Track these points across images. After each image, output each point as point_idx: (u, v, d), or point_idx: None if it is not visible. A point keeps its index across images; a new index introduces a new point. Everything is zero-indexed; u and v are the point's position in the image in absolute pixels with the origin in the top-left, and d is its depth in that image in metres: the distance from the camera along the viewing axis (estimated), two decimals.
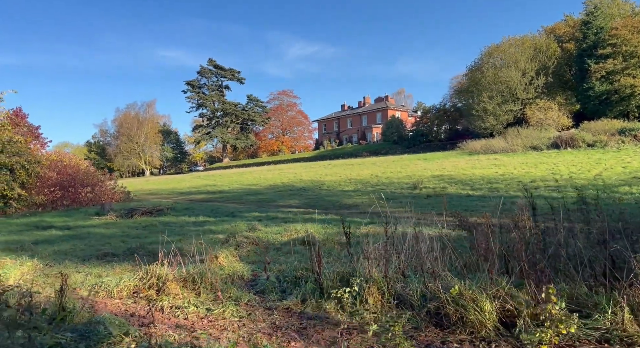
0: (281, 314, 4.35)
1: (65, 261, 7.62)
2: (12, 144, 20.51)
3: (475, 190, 16.10)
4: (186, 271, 5.64)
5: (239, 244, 8.57)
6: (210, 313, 4.58)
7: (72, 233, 11.82)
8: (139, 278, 5.68)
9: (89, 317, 4.28)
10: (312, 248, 7.39)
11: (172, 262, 5.85)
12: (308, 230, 9.75)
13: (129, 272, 6.80)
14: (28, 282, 6.46)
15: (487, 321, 3.25)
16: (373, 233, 9.44)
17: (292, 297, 4.71)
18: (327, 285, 4.50)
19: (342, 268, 4.71)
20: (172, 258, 7.89)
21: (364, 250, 4.98)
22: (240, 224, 12.11)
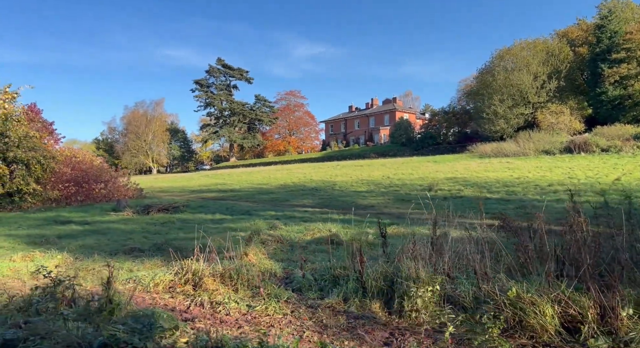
0: (325, 312, 4.31)
1: (93, 255, 7.61)
2: (27, 139, 20.63)
3: (493, 193, 16.00)
4: (222, 267, 5.61)
5: (264, 242, 8.54)
6: (252, 309, 4.54)
7: (92, 229, 11.84)
8: (174, 274, 5.67)
9: (135, 310, 4.26)
10: (350, 247, 7.36)
11: (207, 258, 5.83)
12: (331, 229, 9.71)
13: (159, 267, 6.80)
14: (62, 276, 6.46)
15: (549, 326, 3.20)
16: (396, 234, 9.42)
17: (332, 295, 4.67)
18: (370, 284, 4.45)
19: (384, 268, 4.66)
20: (201, 254, 7.91)
21: (408, 249, 4.94)
22: (259, 222, 12.08)
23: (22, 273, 6.54)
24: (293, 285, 5.37)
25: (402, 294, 4.10)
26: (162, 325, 3.73)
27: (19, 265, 6.98)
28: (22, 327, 3.91)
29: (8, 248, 8.75)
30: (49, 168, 20.71)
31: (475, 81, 57.18)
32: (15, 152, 19.51)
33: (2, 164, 19.25)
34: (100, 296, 4.55)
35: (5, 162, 19.57)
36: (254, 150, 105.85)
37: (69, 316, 3.97)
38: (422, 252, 4.91)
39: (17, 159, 19.59)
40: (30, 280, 6.32)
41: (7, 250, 8.50)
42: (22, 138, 20.31)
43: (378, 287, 4.43)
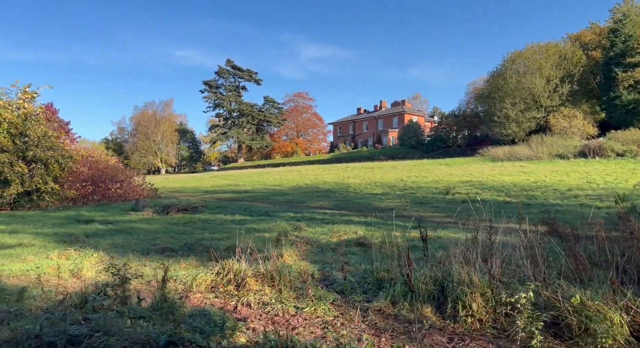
0: (376, 316, 4.32)
1: (127, 254, 7.68)
2: (46, 139, 20.85)
3: (512, 197, 15.93)
4: (264, 268, 5.63)
5: (293, 243, 8.55)
6: (301, 311, 4.56)
7: (117, 228, 11.93)
8: (215, 274, 5.70)
9: (192, 309, 4.30)
10: (382, 250, 7.36)
11: (247, 259, 5.86)
12: (357, 232, 9.72)
13: (195, 267, 6.84)
14: (101, 274, 6.53)
15: (618, 335, 3.19)
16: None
17: (380, 298, 4.67)
18: (421, 288, 4.45)
19: (433, 272, 4.65)
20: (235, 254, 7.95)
21: (453, 254, 4.93)
22: (280, 224, 12.11)
23: (62, 271, 6.60)
24: (334, 287, 5.39)
25: (456, 299, 4.10)
26: (223, 325, 3.76)
27: (57, 263, 7.05)
28: (82, 323, 3.96)
29: (40, 246, 8.85)
30: (67, 167, 20.90)
31: (486, 84, 56.95)
32: (35, 151, 19.72)
33: (21, 163, 19.45)
34: (147, 294, 4.60)
35: (24, 161, 19.77)
36: (262, 152, 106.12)
37: (129, 314, 4.02)
38: (468, 256, 4.90)
39: (36, 158, 19.80)
40: (71, 277, 6.40)
41: (40, 248, 8.59)
42: (41, 137, 20.53)
43: (428, 291, 4.42)
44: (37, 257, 7.58)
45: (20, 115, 20.14)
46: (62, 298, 4.66)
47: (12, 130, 19.68)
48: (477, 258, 4.96)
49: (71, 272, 6.61)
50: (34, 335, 3.71)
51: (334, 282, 5.58)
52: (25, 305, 4.77)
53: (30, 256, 7.61)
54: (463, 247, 5.18)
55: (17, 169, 19.09)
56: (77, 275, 6.43)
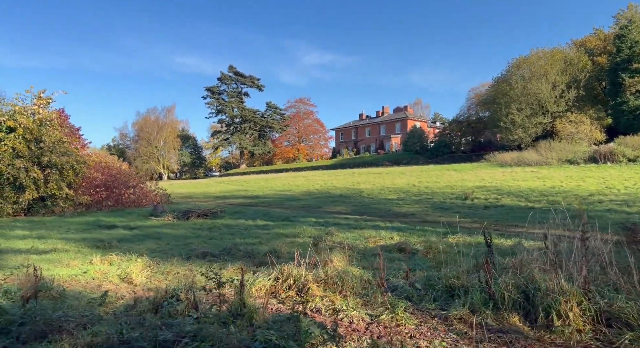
0: (461, 325, 4.19)
1: (170, 259, 7.58)
2: (60, 144, 20.79)
3: (533, 202, 15.85)
4: (324, 273, 5.54)
5: (332, 249, 8.46)
6: (376, 319, 4.45)
7: (142, 233, 11.82)
8: (274, 279, 5.61)
9: (274, 315, 4.21)
10: (428, 255, 7.24)
11: (298, 264, 5.77)
12: (393, 237, 9.61)
13: (244, 272, 6.74)
14: (152, 279, 6.44)
15: None
16: (463, 243, 9.24)
17: (455, 306, 4.51)
18: (505, 296, 4.32)
19: (517, 278, 4.52)
20: (270, 258, 7.85)
21: (530, 260, 4.85)
22: (307, 229, 12.01)
23: (111, 276, 6.51)
24: (398, 294, 5.27)
25: (547, 307, 3.99)
26: (311, 331, 3.68)
27: (103, 268, 6.96)
28: (162, 329, 3.87)
29: (75, 252, 8.75)
30: (81, 173, 20.82)
31: (490, 89, 57.08)
32: (50, 156, 19.63)
33: (36, 169, 19.36)
34: (211, 299, 4.49)
35: (39, 166, 19.69)
36: (264, 157, 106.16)
37: (208, 319, 3.93)
38: (542, 262, 4.81)
39: (51, 163, 19.71)
40: (122, 282, 6.30)
41: (76, 253, 8.49)
42: (56, 143, 20.46)
43: (512, 299, 4.30)
44: (79, 262, 7.48)
45: (35, 120, 20.09)
46: (133, 303, 4.57)
47: (28, 135, 19.62)
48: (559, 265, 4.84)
49: (119, 277, 6.51)
50: (120, 341, 3.62)
51: (396, 288, 5.46)
52: (94, 309, 4.67)
53: (73, 261, 7.51)
54: (536, 254, 5.07)
55: (32, 174, 19.00)
56: (128, 280, 6.33)
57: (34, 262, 7.74)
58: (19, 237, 11.07)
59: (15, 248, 9.20)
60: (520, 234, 9.81)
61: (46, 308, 4.54)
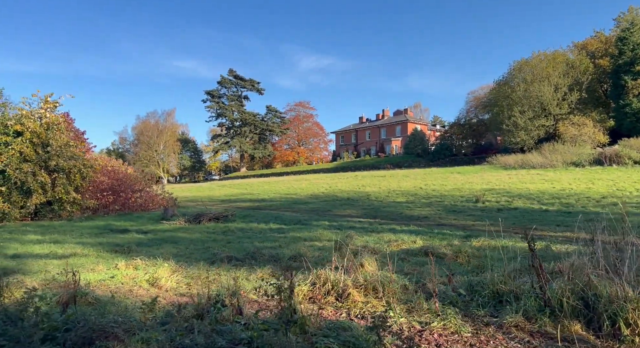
0: (521, 333, 4.05)
1: (196, 263, 7.47)
2: (67, 148, 20.67)
3: (546, 205, 15.78)
4: (363, 278, 5.45)
5: (356, 253, 8.35)
6: (428, 326, 4.34)
7: (157, 237, 11.70)
8: (310, 284, 5.51)
9: (326, 322, 4.11)
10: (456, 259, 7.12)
11: (340, 268, 5.67)
12: (416, 241, 9.49)
13: (273, 277, 6.63)
14: (181, 284, 6.34)
15: None
16: (486, 247, 9.11)
17: (506, 313, 4.38)
18: (562, 302, 4.20)
19: (569, 284, 4.41)
20: (295, 263, 7.76)
21: (586, 264, 4.74)
22: (324, 232, 11.91)
23: (139, 281, 6.41)
24: (442, 300, 5.15)
25: (613, 315, 3.87)
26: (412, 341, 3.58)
27: (129, 273, 6.85)
28: (213, 335, 3.77)
29: (96, 256, 8.64)
30: (88, 177, 20.69)
31: (491, 92, 57.19)
32: (57, 160, 19.50)
33: (44, 173, 19.23)
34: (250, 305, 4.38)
35: (46, 170, 19.56)
36: (264, 161, 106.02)
37: (259, 325, 3.83)
38: (592, 267, 4.71)
39: (59, 167, 19.58)
40: (151, 287, 6.20)
41: (98, 258, 8.38)
42: (63, 147, 20.35)
43: (571, 306, 4.18)
44: (103, 266, 7.37)
45: (42, 124, 19.97)
46: (177, 309, 4.46)
47: (35, 139, 19.49)
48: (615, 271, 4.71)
49: (148, 282, 6.41)
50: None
51: (437, 294, 5.35)
52: (132, 315, 4.56)
53: (98, 266, 7.40)
54: (586, 258, 4.96)
55: (40, 178, 18.87)
56: (157, 285, 6.22)
57: (55, 267, 7.65)
58: (34, 242, 10.95)
59: (33, 253, 9.09)
60: (542, 237, 9.73)
61: (88, 314, 4.44)
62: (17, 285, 5.48)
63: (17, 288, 5.37)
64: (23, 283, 5.60)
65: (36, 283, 5.74)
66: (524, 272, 5.34)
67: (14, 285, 5.42)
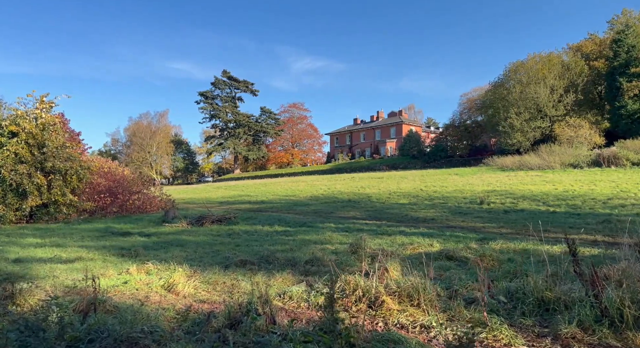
0: (578, 345, 3.81)
1: (210, 268, 7.18)
2: (63, 149, 20.24)
3: (553, 206, 15.64)
4: (396, 284, 5.20)
5: (374, 256, 8.10)
6: (477, 337, 4.09)
7: (161, 240, 11.37)
8: (339, 290, 5.25)
9: (377, 333, 3.85)
10: (479, 265, 6.88)
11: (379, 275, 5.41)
12: (433, 244, 9.25)
13: (293, 282, 6.37)
14: (199, 289, 6.05)
15: None
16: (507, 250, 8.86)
17: (558, 323, 4.11)
18: (624, 313, 3.95)
19: (624, 293, 4.17)
20: (311, 267, 7.49)
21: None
22: (332, 235, 11.64)
23: (154, 286, 6.11)
24: (477, 308, 4.89)
25: None
26: None
27: (142, 278, 6.55)
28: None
29: (103, 260, 8.31)
30: (85, 178, 20.27)
31: (487, 94, 57.32)
32: (53, 162, 19.08)
33: (40, 174, 18.80)
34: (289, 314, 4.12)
35: (42, 172, 19.12)
36: (257, 162, 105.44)
37: (297, 336, 3.57)
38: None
39: (55, 169, 19.15)
40: (167, 293, 5.90)
41: (105, 263, 8.06)
42: (59, 148, 19.92)
43: (633, 316, 3.92)
44: (114, 271, 7.06)
45: (38, 125, 19.52)
46: (205, 318, 4.17)
47: (31, 140, 19.07)
48: None
49: (164, 288, 6.11)
50: None
51: (473, 301, 5.08)
52: (158, 324, 4.27)
53: (108, 271, 7.08)
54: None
55: (36, 180, 18.45)
56: (174, 291, 5.92)
57: (62, 271, 7.32)
58: (34, 245, 10.58)
59: (36, 257, 8.74)
60: (559, 240, 9.52)
61: (109, 323, 4.15)
62: (30, 292, 5.16)
63: (30, 295, 5.05)
64: (33, 290, 5.27)
65: (49, 290, 5.41)
66: (563, 278, 5.11)
67: (27, 292, 5.10)
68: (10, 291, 4.88)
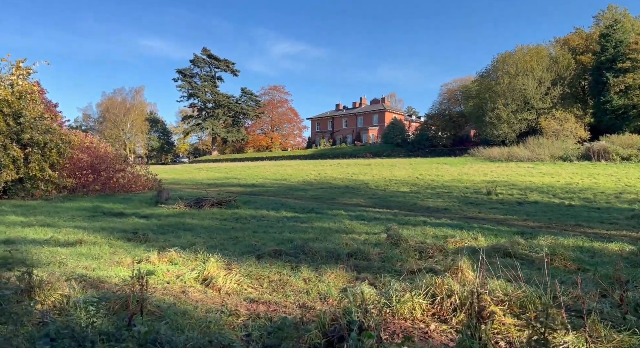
0: None
1: (243, 257, 6.21)
2: (41, 120, 18.60)
3: (566, 199, 15.19)
4: (502, 291, 4.36)
5: (421, 251, 7.27)
6: None
7: (164, 223, 10.23)
8: (428, 295, 4.38)
9: None
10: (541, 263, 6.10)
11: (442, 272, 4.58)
12: (478, 238, 8.41)
13: (348, 279, 5.46)
14: (244, 285, 5.08)
15: None
16: (559, 245, 8.09)
17: None
18: None
19: None
20: (362, 261, 6.61)
21: None
22: (353, 223, 10.78)
23: (187, 279, 5.11)
24: (604, 321, 4.07)
25: None
26: None
27: (169, 268, 5.54)
28: None
29: (107, 244, 7.21)
30: (65, 153, 18.68)
31: (473, 84, 57.26)
32: (31, 134, 17.47)
33: (16, 147, 17.16)
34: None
35: (19, 144, 17.48)
36: (236, 145, 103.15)
37: None
38: None
39: (33, 141, 17.54)
40: (206, 288, 4.92)
41: (111, 247, 6.97)
42: (37, 119, 18.27)
43: None
44: (129, 258, 6.00)
45: (14, 92, 17.77)
46: (299, 321, 3.23)
47: (6, 109, 17.34)
48: None
49: (198, 281, 5.12)
50: None
51: (589, 312, 4.22)
52: (221, 332, 3.31)
53: (123, 258, 6.03)
54: None
55: (12, 152, 16.85)
56: (214, 287, 4.94)
57: (66, 256, 6.22)
58: (20, 224, 9.31)
59: (28, 239, 7.56)
60: (606, 237, 8.94)
61: (161, 331, 3.16)
62: (50, 285, 4.09)
63: (50, 290, 4.00)
64: (54, 283, 4.18)
65: (75, 284, 4.33)
66: None
67: (48, 285, 4.03)
68: (28, 283, 3.81)
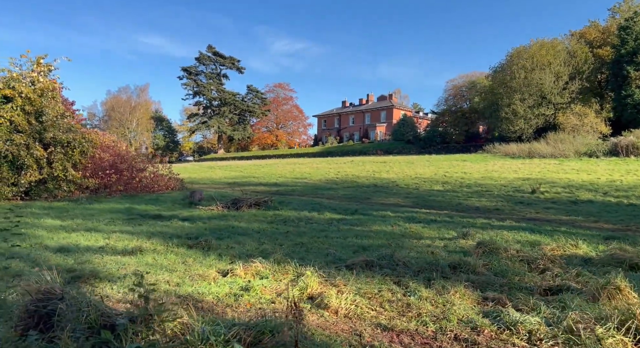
0: None
1: (328, 267, 5.49)
2: (63, 119, 17.97)
3: (622, 198, 14.38)
4: None
5: (530, 261, 6.44)
6: None
7: (212, 227, 9.49)
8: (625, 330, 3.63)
9: None
10: None
11: None
12: (579, 245, 7.52)
13: (477, 301, 4.73)
14: (363, 306, 4.34)
15: None
16: None
17: None
18: None
19: None
20: (471, 275, 5.87)
21: None
22: (413, 226, 10.08)
23: (291, 298, 4.37)
24: None
25: None
26: None
27: (263, 284, 4.81)
28: None
29: (173, 253, 6.48)
30: (89, 152, 18.01)
31: (486, 79, 56.36)
32: (54, 133, 16.81)
33: (39, 146, 16.49)
34: None
35: (41, 143, 16.80)
36: (241, 143, 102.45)
37: None
38: None
39: (56, 140, 16.87)
40: (319, 309, 4.18)
41: (180, 256, 6.25)
42: (59, 117, 17.61)
43: None
44: (212, 271, 5.28)
45: (36, 89, 17.07)
46: None
47: (28, 107, 16.66)
48: None
49: (303, 301, 4.40)
50: None
51: None
52: None
53: (207, 270, 5.31)
54: None
55: (35, 152, 16.18)
56: (328, 308, 4.21)
57: (134, 267, 5.50)
58: (62, 229, 8.59)
59: (82, 246, 6.86)
60: None
61: None
62: (168, 312, 3.35)
63: (167, 316, 3.27)
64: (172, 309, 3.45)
65: (192, 309, 3.59)
66: None
67: (166, 312, 3.29)
68: (145, 308, 3.09)
